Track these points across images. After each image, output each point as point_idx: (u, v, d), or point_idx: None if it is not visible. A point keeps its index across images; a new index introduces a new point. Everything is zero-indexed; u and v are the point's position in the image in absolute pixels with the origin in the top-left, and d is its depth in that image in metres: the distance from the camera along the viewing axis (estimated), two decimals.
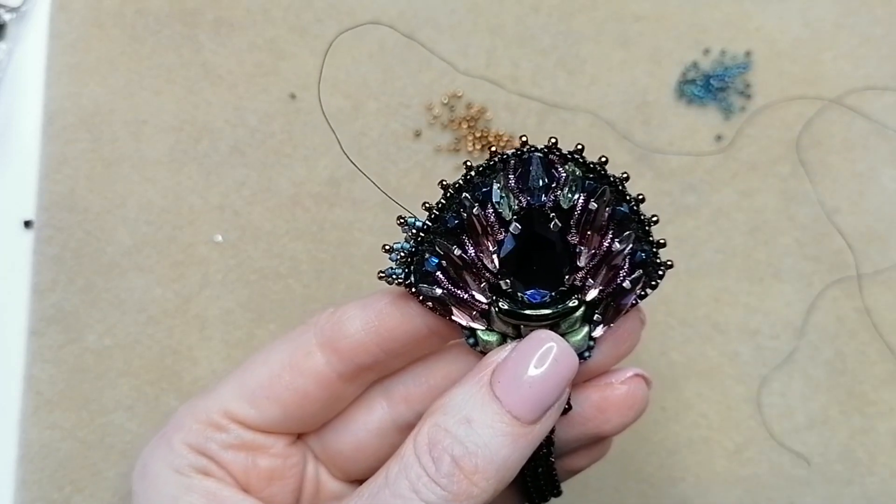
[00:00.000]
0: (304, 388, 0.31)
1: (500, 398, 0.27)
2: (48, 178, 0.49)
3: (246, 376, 0.32)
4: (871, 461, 0.46)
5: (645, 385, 0.32)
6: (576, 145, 0.29)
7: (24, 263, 0.48)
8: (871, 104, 0.49)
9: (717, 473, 0.47)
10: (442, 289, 0.30)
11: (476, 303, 0.30)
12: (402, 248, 0.30)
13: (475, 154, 0.49)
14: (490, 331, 0.30)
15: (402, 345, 0.31)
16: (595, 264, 0.29)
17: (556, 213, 0.29)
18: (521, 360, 0.28)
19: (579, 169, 0.29)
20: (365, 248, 0.48)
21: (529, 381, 0.28)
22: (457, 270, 0.30)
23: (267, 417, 0.32)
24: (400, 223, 0.30)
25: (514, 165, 0.29)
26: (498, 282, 0.29)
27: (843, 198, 0.48)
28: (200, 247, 0.48)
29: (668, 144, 0.49)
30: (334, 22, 0.50)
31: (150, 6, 0.50)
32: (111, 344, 0.47)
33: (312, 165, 0.49)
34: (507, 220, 0.29)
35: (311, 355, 0.31)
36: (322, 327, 0.32)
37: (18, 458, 0.47)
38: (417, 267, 0.30)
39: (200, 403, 0.32)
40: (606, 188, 0.29)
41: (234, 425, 0.32)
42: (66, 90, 0.49)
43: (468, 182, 0.29)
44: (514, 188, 0.29)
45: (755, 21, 0.50)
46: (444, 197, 0.29)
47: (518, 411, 0.27)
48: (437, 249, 0.29)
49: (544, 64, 0.49)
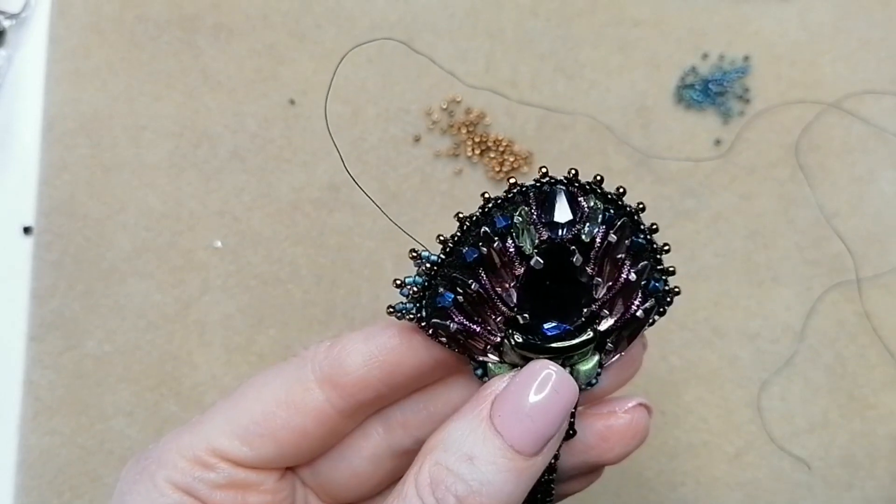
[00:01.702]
0: (301, 426, 0.30)
1: (501, 432, 0.27)
2: (48, 183, 0.49)
3: (237, 412, 0.30)
4: (872, 465, 0.46)
5: (647, 414, 0.32)
6: (595, 176, 0.29)
7: (24, 269, 0.48)
8: (869, 108, 0.49)
9: (717, 478, 0.47)
10: (456, 323, 0.29)
11: (490, 337, 0.29)
12: (415, 282, 0.29)
13: (474, 159, 0.49)
14: (502, 363, 0.29)
15: (406, 379, 0.30)
16: (612, 296, 0.29)
17: (576, 245, 0.28)
18: (521, 391, 0.27)
19: (599, 201, 0.28)
20: (365, 254, 0.48)
21: (530, 414, 0.27)
22: (472, 305, 0.29)
23: (260, 455, 0.30)
24: (413, 257, 0.29)
25: (536, 197, 0.28)
26: (515, 315, 0.29)
27: (842, 201, 0.48)
28: (200, 252, 0.48)
29: (668, 149, 0.49)
30: (334, 28, 0.50)
31: (149, 12, 0.50)
32: (111, 350, 0.47)
33: (312, 171, 0.49)
34: (527, 254, 0.28)
35: (309, 392, 0.30)
36: (320, 363, 0.30)
37: (18, 464, 0.47)
38: (430, 302, 0.29)
39: (186, 438, 0.30)
40: (626, 220, 0.28)
41: (224, 464, 0.30)
42: (66, 96, 0.49)
43: (486, 215, 0.28)
44: (538, 221, 0.28)
45: (753, 25, 0.50)
46: (460, 229, 0.29)
47: (520, 445, 0.27)
48: (452, 284, 0.29)
49: (543, 69, 0.49)
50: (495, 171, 0.48)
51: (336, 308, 0.48)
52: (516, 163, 0.48)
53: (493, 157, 0.48)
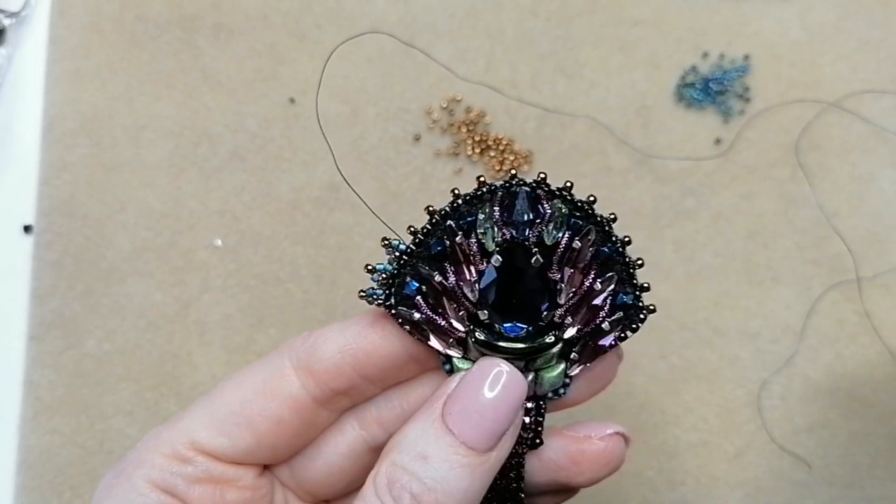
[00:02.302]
0: (277, 414, 0.30)
1: (452, 430, 0.27)
2: (48, 183, 0.49)
3: (215, 403, 0.30)
4: (872, 464, 0.46)
5: (624, 443, 0.32)
6: (565, 182, 0.29)
7: (24, 269, 0.48)
8: (869, 107, 0.49)
9: (717, 477, 0.47)
10: (420, 314, 0.29)
11: (453, 330, 0.30)
12: (385, 269, 0.30)
13: (474, 158, 0.49)
14: (466, 359, 0.30)
15: (379, 369, 0.31)
16: (575, 303, 0.29)
17: (539, 248, 0.29)
18: (470, 389, 0.28)
19: (566, 206, 0.29)
20: (364, 253, 0.48)
21: (479, 410, 0.27)
22: (436, 297, 0.30)
23: (238, 446, 0.30)
24: (384, 245, 0.30)
25: (502, 197, 0.29)
26: (476, 312, 0.29)
27: (842, 201, 0.48)
28: (200, 252, 0.48)
29: (668, 148, 0.49)
30: (333, 27, 0.50)
31: (149, 12, 0.50)
32: (111, 349, 0.47)
33: (312, 170, 0.49)
34: (489, 251, 0.29)
35: (285, 378, 0.30)
36: (297, 350, 0.30)
37: (18, 464, 0.47)
38: (398, 290, 0.30)
39: (164, 434, 0.30)
40: (592, 227, 0.29)
41: (202, 457, 0.30)
42: (66, 95, 0.49)
43: (454, 210, 0.29)
44: (500, 220, 0.29)
45: (754, 25, 0.50)
46: (429, 223, 0.30)
47: (472, 441, 0.27)
48: (418, 274, 0.30)
49: (543, 68, 0.49)
50: (495, 170, 0.48)
51: (336, 308, 0.48)
52: (516, 162, 0.48)
53: (493, 156, 0.48)
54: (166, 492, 0.29)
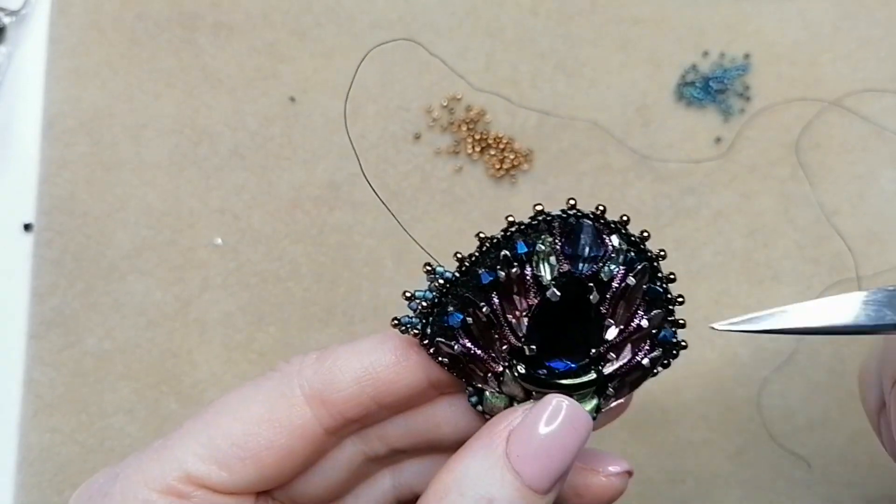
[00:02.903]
0: (287, 445, 0.28)
1: (519, 471, 0.26)
2: (48, 181, 0.49)
3: (212, 432, 0.27)
4: (872, 463, 0.46)
5: (628, 479, 0.31)
6: (621, 216, 0.28)
7: (24, 267, 0.48)
8: (870, 106, 0.49)
9: (717, 475, 0.47)
10: (460, 346, 0.28)
11: (492, 364, 0.28)
12: (425, 296, 0.28)
13: (475, 156, 0.49)
14: (499, 394, 0.29)
15: (397, 398, 0.29)
16: (621, 340, 0.29)
17: (594, 283, 0.28)
18: (539, 427, 0.26)
19: (623, 241, 0.28)
20: (365, 252, 0.48)
21: (548, 451, 0.26)
22: (480, 329, 0.28)
23: (240, 480, 0.27)
24: (427, 271, 0.28)
25: (560, 228, 0.28)
26: (522, 345, 0.28)
27: (842, 200, 0.48)
28: (200, 250, 0.48)
29: (668, 147, 0.49)
30: (334, 26, 0.50)
31: (149, 10, 0.50)
32: (111, 347, 0.47)
33: (312, 168, 0.49)
34: (544, 284, 0.28)
35: (295, 408, 0.28)
36: (309, 378, 0.28)
37: (18, 462, 0.47)
38: (437, 319, 0.28)
39: (153, 466, 0.27)
40: (646, 265, 0.28)
41: (200, 491, 0.27)
42: (66, 94, 0.49)
43: (508, 239, 0.28)
44: (561, 253, 0.28)
45: (754, 23, 0.50)
46: (478, 249, 0.28)
47: (536, 483, 0.26)
48: (463, 304, 0.28)
49: (543, 67, 0.49)
50: (495, 169, 0.48)
51: (336, 306, 0.48)
52: (516, 160, 0.48)
53: (493, 154, 0.48)
54: None
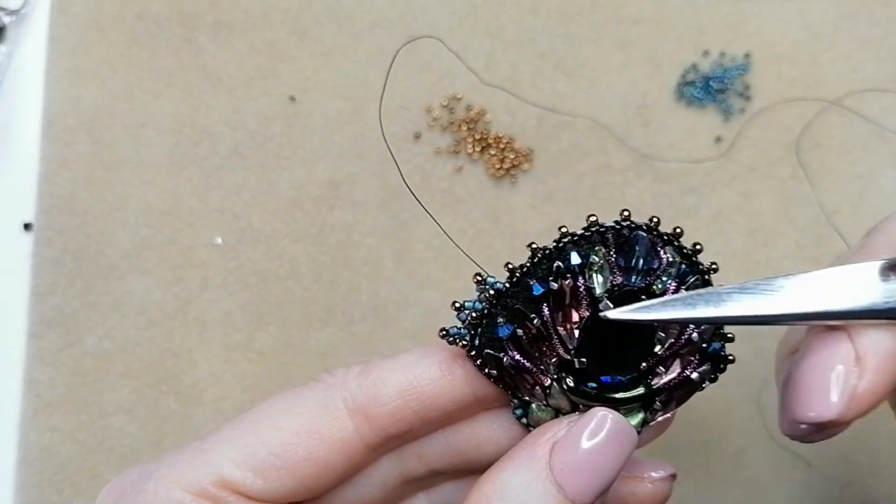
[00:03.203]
0: (325, 458, 0.27)
1: (563, 485, 0.25)
2: (48, 180, 0.49)
3: (250, 440, 0.27)
4: (872, 463, 0.46)
5: (672, 483, 0.30)
6: (674, 228, 0.28)
7: (24, 266, 0.48)
8: (870, 106, 0.49)
9: (717, 475, 0.47)
10: (510, 357, 0.27)
11: (540, 376, 0.28)
12: (475, 307, 0.28)
13: (475, 156, 0.49)
14: (546, 407, 0.28)
15: (442, 413, 0.28)
16: (671, 354, 0.28)
17: (646, 296, 0.27)
18: (585, 441, 0.26)
19: (676, 254, 0.28)
20: (365, 251, 0.48)
21: (594, 466, 0.25)
22: (530, 341, 0.28)
23: (276, 489, 0.27)
24: (477, 282, 0.28)
25: (614, 240, 0.28)
26: (572, 358, 0.28)
27: (842, 199, 0.48)
28: (200, 249, 0.48)
29: (668, 146, 0.49)
30: (334, 25, 0.50)
31: (149, 9, 0.50)
32: (111, 347, 0.47)
33: (312, 168, 0.49)
34: (597, 296, 0.27)
35: (337, 421, 0.28)
36: (352, 391, 0.28)
37: (18, 462, 0.47)
38: (486, 331, 0.28)
39: (188, 469, 0.27)
40: (699, 278, 0.28)
41: (234, 496, 0.27)
42: (66, 93, 0.49)
43: (560, 250, 0.27)
44: (615, 265, 0.27)
45: (754, 23, 0.50)
46: (530, 260, 0.28)
47: (579, 497, 0.25)
48: (513, 315, 0.27)
49: (543, 67, 0.49)
50: (496, 169, 0.48)
51: (336, 305, 0.48)
52: (517, 160, 0.48)
53: (493, 154, 0.48)
54: None
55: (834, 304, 0.25)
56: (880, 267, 0.25)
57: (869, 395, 0.25)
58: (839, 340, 0.25)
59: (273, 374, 0.47)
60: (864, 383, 0.25)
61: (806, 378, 0.26)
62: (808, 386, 0.25)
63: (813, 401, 0.25)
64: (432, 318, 0.47)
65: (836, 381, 0.25)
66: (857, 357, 0.25)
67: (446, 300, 0.48)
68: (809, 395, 0.25)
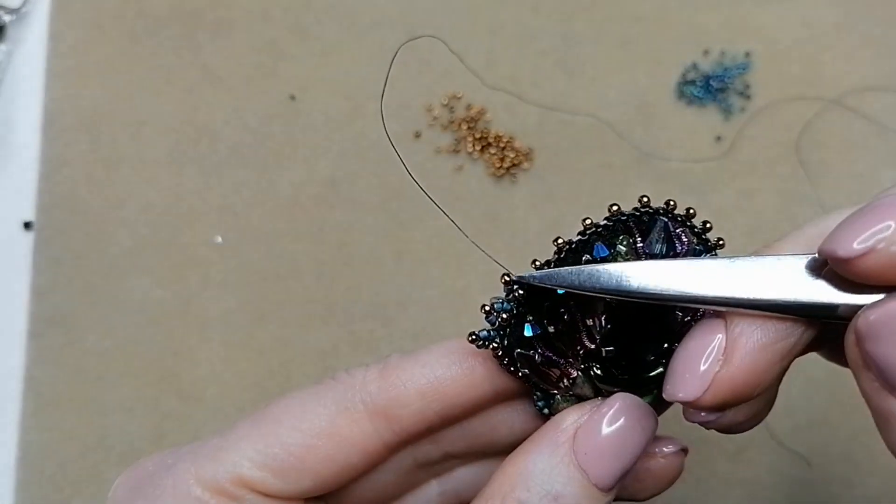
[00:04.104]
0: (345, 460, 0.27)
1: (586, 469, 0.25)
2: (48, 179, 0.49)
3: (270, 440, 0.27)
4: (872, 462, 0.46)
5: (684, 457, 0.31)
6: (687, 209, 0.28)
7: (24, 265, 0.48)
8: (870, 105, 0.49)
9: (717, 474, 0.47)
10: (539, 354, 0.28)
11: (568, 369, 0.28)
12: (504, 308, 0.27)
13: (475, 155, 0.48)
14: (569, 396, 0.28)
15: (462, 411, 0.28)
16: (685, 330, 0.28)
17: None
18: (607, 426, 0.26)
19: (692, 235, 0.28)
20: (364, 250, 0.48)
21: (615, 450, 0.26)
22: (559, 336, 0.28)
23: (294, 489, 0.27)
24: (505, 282, 0.27)
25: (636, 227, 0.28)
26: (599, 348, 0.28)
27: (843, 198, 0.48)
28: (200, 248, 0.48)
29: (668, 145, 0.48)
30: (334, 24, 0.50)
31: (149, 8, 0.50)
32: (111, 345, 0.47)
33: (312, 166, 0.49)
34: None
35: (357, 423, 0.28)
36: (372, 393, 0.28)
37: (18, 460, 0.47)
38: (514, 331, 0.27)
39: (207, 465, 0.27)
40: (708, 256, 0.28)
41: (251, 495, 0.27)
42: (66, 92, 0.49)
43: (586, 243, 0.27)
44: (641, 252, 0.27)
45: (755, 22, 0.50)
46: (556, 255, 0.27)
47: (601, 481, 0.26)
48: (542, 313, 0.27)
49: (544, 65, 0.49)
50: (496, 168, 0.48)
51: (336, 304, 0.48)
52: (517, 159, 0.48)
53: (493, 153, 0.48)
54: None
55: (730, 291, 0.26)
56: (806, 262, 0.26)
57: (728, 384, 0.25)
58: (715, 327, 0.26)
59: (273, 373, 0.47)
60: (724, 372, 0.25)
61: (681, 359, 0.26)
62: (681, 367, 0.26)
63: (681, 382, 0.25)
64: (432, 317, 0.47)
65: (702, 365, 0.25)
66: (724, 346, 0.25)
67: (446, 299, 0.48)
68: (681, 377, 0.26)
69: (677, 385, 0.26)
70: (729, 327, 0.25)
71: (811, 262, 0.25)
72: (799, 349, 0.26)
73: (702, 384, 0.25)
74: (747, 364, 0.25)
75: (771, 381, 0.26)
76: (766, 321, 0.25)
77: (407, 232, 0.48)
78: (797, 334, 0.25)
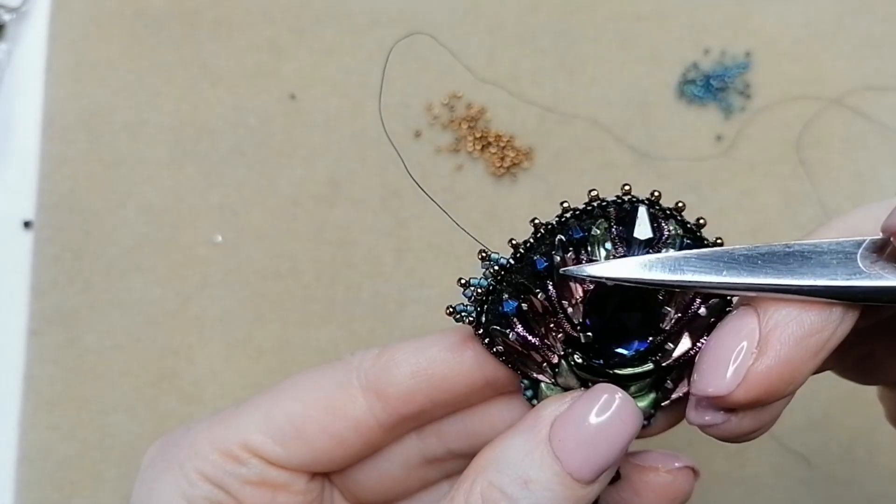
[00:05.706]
0: (339, 433, 0.29)
1: (560, 457, 0.25)
2: (48, 178, 0.49)
3: (274, 409, 0.29)
4: (872, 462, 0.46)
5: (693, 478, 0.30)
6: (677, 203, 0.28)
7: (24, 264, 0.48)
8: (871, 104, 0.48)
9: (717, 474, 0.47)
10: (516, 334, 0.28)
11: (548, 353, 0.28)
12: (480, 284, 0.28)
13: (475, 154, 0.48)
14: (554, 385, 0.28)
15: (452, 395, 0.29)
16: (678, 329, 0.28)
17: None
18: (585, 416, 0.26)
19: (679, 227, 0.28)
20: (364, 249, 0.48)
21: (592, 441, 0.25)
22: (535, 316, 0.28)
23: (293, 458, 0.29)
24: (482, 258, 0.28)
25: (615, 214, 0.28)
26: (577, 334, 0.27)
27: (843, 198, 0.48)
28: (200, 247, 0.48)
29: (669, 144, 0.48)
30: (334, 23, 0.50)
31: (149, 6, 0.50)
32: (111, 344, 0.47)
33: (312, 166, 0.49)
34: None
35: (351, 398, 0.29)
36: (366, 370, 0.29)
37: (18, 459, 0.47)
38: (491, 307, 0.28)
39: (219, 430, 0.29)
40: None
41: (256, 460, 0.29)
42: (66, 91, 0.49)
43: (563, 224, 0.27)
44: (616, 238, 0.27)
45: (755, 21, 0.49)
46: (533, 236, 0.28)
47: (578, 472, 0.25)
48: (518, 291, 0.28)
49: (544, 64, 0.49)
50: (496, 167, 0.48)
51: (336, 303, 0.48)
52: (517, 158, 0.48)
53: (493, 152, 0.48)
54: (219, 486, 0.29)
55: (784, 279, 0.24)
56: (865, 245, 0.24)
57: (764, 378, 0.24)
58: (747, 318, 0.25)
59: (273, 372, 0.47)
60: (759, 365, 0.24)
61: (711, 352, 0.25)
62: (712, 360, 0.25)
63: (712, 376, 0.25)
64: (432, 316, 0.47)
65: (735, 359, 0.24)
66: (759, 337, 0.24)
67: (446, 298, 0.48)
68: (713, 370, 0.25)
69: (707, 379, 0.25)
70: (762, 318, 0.24)
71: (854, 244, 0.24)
72: (833, 345, 0.24)
73: (735, 378, 0.24)
74: (783, 357, 0.24)
75: (803, 379, 0.25)
76: (804, 309, 0.24)
77: (406, 231, 0.48)
78: (832, 328, 0.24)
